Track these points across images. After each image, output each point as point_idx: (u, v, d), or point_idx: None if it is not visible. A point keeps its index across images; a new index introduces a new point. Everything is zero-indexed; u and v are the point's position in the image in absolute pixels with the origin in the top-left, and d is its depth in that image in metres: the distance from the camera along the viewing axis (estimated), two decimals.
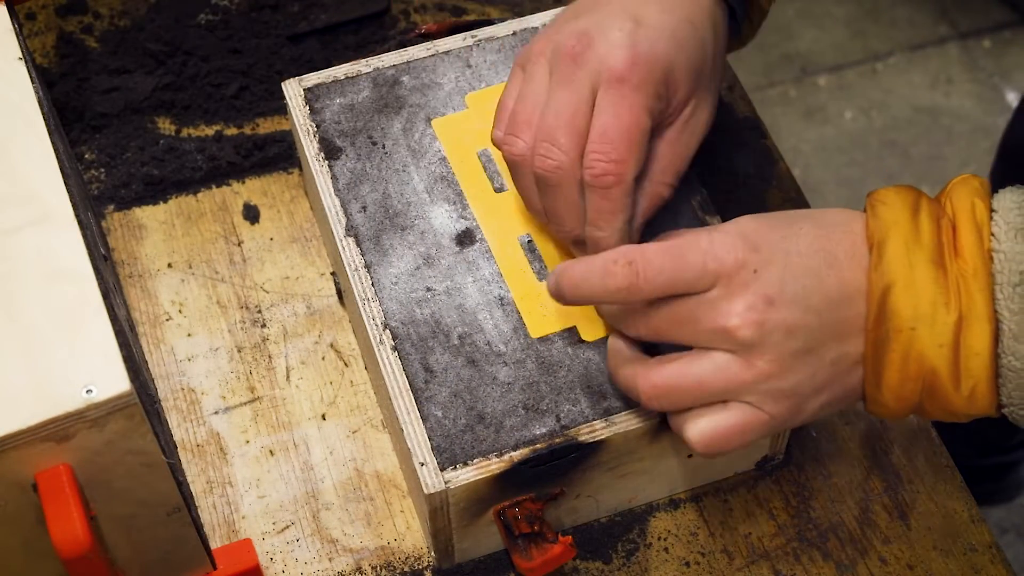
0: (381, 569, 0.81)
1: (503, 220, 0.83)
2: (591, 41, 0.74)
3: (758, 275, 0.67)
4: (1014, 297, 0.65)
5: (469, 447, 0.75)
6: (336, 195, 0.85)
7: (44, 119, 0.73)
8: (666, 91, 0.75)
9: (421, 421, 0.75)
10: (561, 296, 0.71)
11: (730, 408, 0.69)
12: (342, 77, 0.90)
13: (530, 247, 0.82)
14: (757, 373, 0.67)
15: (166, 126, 0.99)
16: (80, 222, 0.69)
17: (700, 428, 0.69)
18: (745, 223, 0.70)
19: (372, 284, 0.81)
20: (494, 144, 0.78)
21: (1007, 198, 0.67)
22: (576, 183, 0.74)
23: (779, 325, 0.67)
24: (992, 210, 0.67)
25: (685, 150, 0.78)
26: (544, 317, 0.79)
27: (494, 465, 0.74)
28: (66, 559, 0.62)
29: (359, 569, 0.81)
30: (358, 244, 0.83)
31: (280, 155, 0.98)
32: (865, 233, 0.69)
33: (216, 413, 0.87)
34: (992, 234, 0.66)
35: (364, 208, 0.84)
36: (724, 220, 0.85)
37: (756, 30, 0.83)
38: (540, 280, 0.81)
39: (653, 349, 0.72)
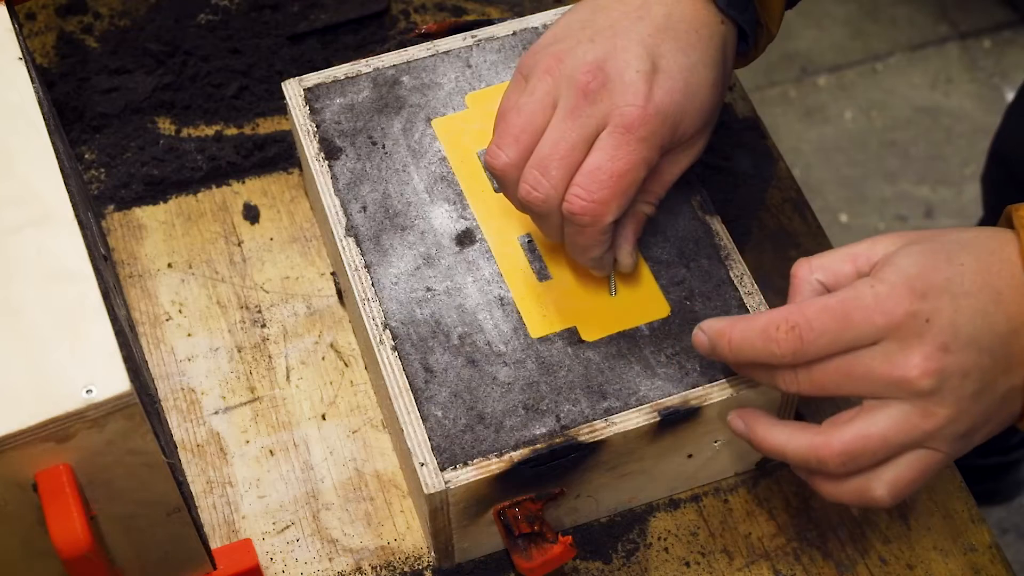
0: (381, 569, 0.81)
1: (503, 220, 0.83)
2: (606, 80, 0.72)
3: (930, 324, 0.65)
4: None
5: (469, 447, 0.75)
6: (336, 195, 0.85)
7: (44, 119, 0.73)
8: (671, 138, 0.74)
9: (421, 421, 0.75)
10: (716, 355, 0.71)
11: (909, 455, 0.68)
12: (342, 77, 0.90)
13: (530, 247, 0.82)
14: (938, 421, 0.66)
15: (166, 126, 0.99)
16: (80, 222, 0.69)
17: (886, 482, 0.68)
18: (905, 266, 0.67)
19: (372, 284, 0.81)
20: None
21: None
22: (559, 213, 0.74)
23: (956, 371, 0.66)
24: None
25: (672, 174, 0.78)
26: (544, 317, 0.79)
27: (494, 465, 0.74)
28: (66, 559, 0.62)
29: (359, 569, 0.81)
30: (358, 244, 0.83)
31: (280, 155, 0.98)
32: (1020, 255, 0.67)
33: (216, 413, 0.87)
34: None
35: (364, 208, 0.84)
36: (724, 220, 0.85)
37: (761, 52, 0.83)
38: (540, 280, 0.81)
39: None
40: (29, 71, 0.75)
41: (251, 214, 0.95)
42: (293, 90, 0.89)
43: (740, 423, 0.73)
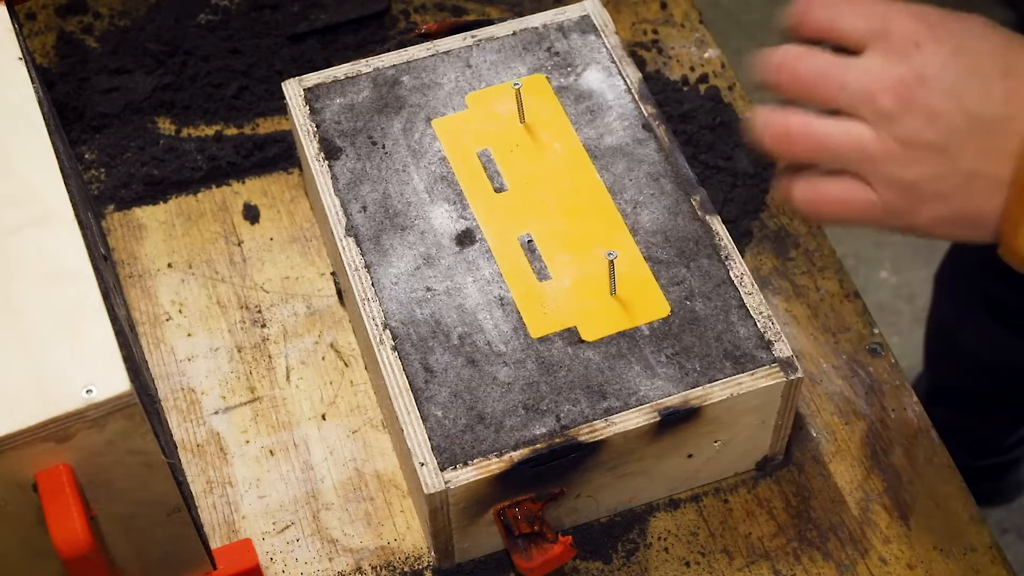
0: (381, 569, 0.81)
1: (503, 220, 0.83)
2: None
3: (920, 50, 0.63)
4: None
5: (469, 447, 0.75)
6: (336, 195, 0.85)
7: (44, 119, 0.73)
8: None
9: (421, 421, 0.75)
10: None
11: (843, 179, 0.65)
12: (342, 77, 0.90)
13: (530, 247, 0.82)
14: (883, 149, 0.63)
15: (166, 126, 0.99)
16: (80, 222, 0.69)
17: (808, 186, 0.66)
18: (929, 7, 0.64)
19: (372, 284, 0.81)
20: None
21: None
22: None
23: (922, 108, 0.62)
24: None
25: None
26: (544, 317, 0.79)
27: (494, 465, 0.74)
28: (66, 559, 0.62)
29: (359, 569, 0.81)
30: (358, 244, 0.83)
31: (280, 155, 0.98)
32: None
33: (216, 413, 0.87)
34: None
35: (364, 208, 0.84)
36: (724, 220, 0.86)
37: None
38: (540, 280, 0.81)
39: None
40: (29, 71, 0.75)
41: (251, 214, 0.95)
42: (293, 90, 0.89)
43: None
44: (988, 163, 0.62)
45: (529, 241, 0.82)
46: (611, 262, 0.78)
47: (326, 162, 0.86)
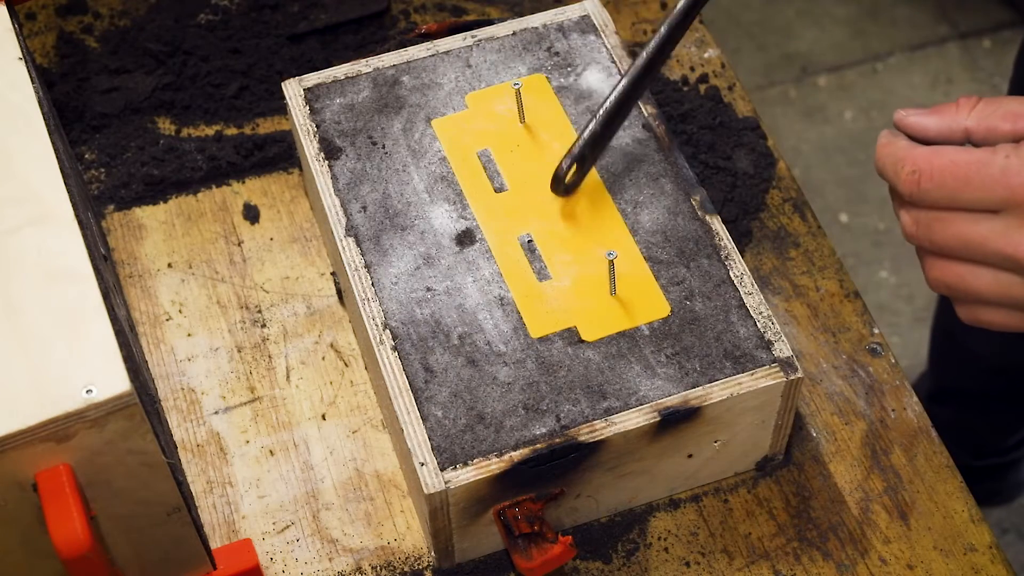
0: (381, 569, 0.81)
1: (503, 220, 0.83)
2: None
3: None
4: None
5: (469, 447, 0.75)
6: (336, 195, 0.85)
7: (44, 119, 0.73)
8: None
9: (421, 421, 0.75)
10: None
11: (1003, 311, 0.68)
12: (342, 77, 0.90)
13: (530, 247, 0.82)
14: None
15: (166, 126, 0.99)
16: (80, 222, 0.69)
17: (968, 313, 0.69)
18: None
19: (372, 284, 0.81)
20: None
21: None
22: None
23: None
24: None
25: None
26: (544, 317, 0.79)
27: (494, 465, 0.74)
28: (66, 559, 0.62)
29: (359, 569, 0.81)
30: (358, 244, 0.83)
31: (280, 155, 0.98)
32: None
33: (216, 413, 0.87)
34: None
35: (364, 208, 0.84)
36: (724, 220, 0.85)
37: None
38: (540, 280, 0.81)
39: None
40: (29, 71, 0.75)
41: (251, 214, 0.95)
42: (293, 90, 0.89)
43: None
44: None
45: (529, 241, 0.82)
46: (611, 262, 0.78)
47: (326, 162, 0.86)
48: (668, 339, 0.78)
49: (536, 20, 0.92)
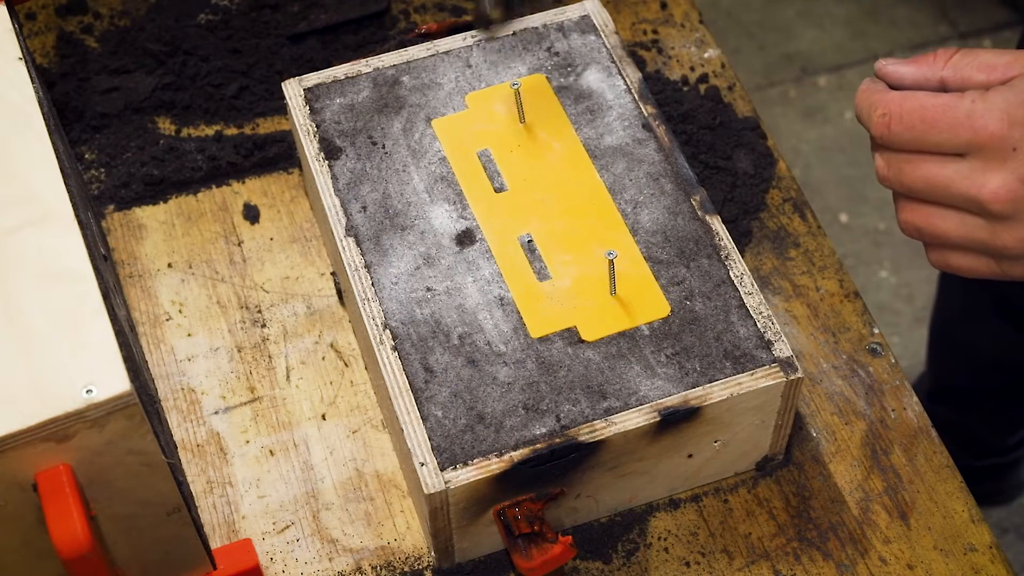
0: (381, 569, 0.81)
1: (503, 220, 0.83)
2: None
3: (1016, 153, 0.66)
4: None
5: (469, 447, 0.75)
6: (336, 195, 0.85)
7: (44, 119, 0.73)
8: None
9: (421, 421, 0.75)
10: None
11: (969, 254, 0.70)
12: (342, 77, 0.90)
13: (530, 247, 0.82)
14: (1000, 245, 0.68)
15: (166, 126, 0.99)
16: (80, 222, 0.69)
17: (937, 257, 0.71)
18: (1015, 93, 0.67)
19: (372, 284, 0.81)
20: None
21: None
22: None
23: None
24: None
25: None
26: (544, 317, 0.79)
27: (494, 465, 0.74)
28: (66, 559, 0.62)
29: (359, 569, 0.81)
30: (358, 244, 0.83)
31: (280, 155, 0.98)
32: None
33: (216, 413, 0.87)
34: None
35: (364, 208, 0.84)
36: (724, 220, 0.85)
37: None
38: (540, 280, 0.81)
39: None
40: (29, 71, 0.75)
41: (251, 214, 0.95)
42: (293, 90, 0.89)
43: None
44: None
45: (529, 241, 0.82)
46: (611, 262, 0.78)
47: (326, 162, 0.86)
48: (668, 339, 0.78)
49: (536, 20, 0.92)
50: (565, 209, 0.83)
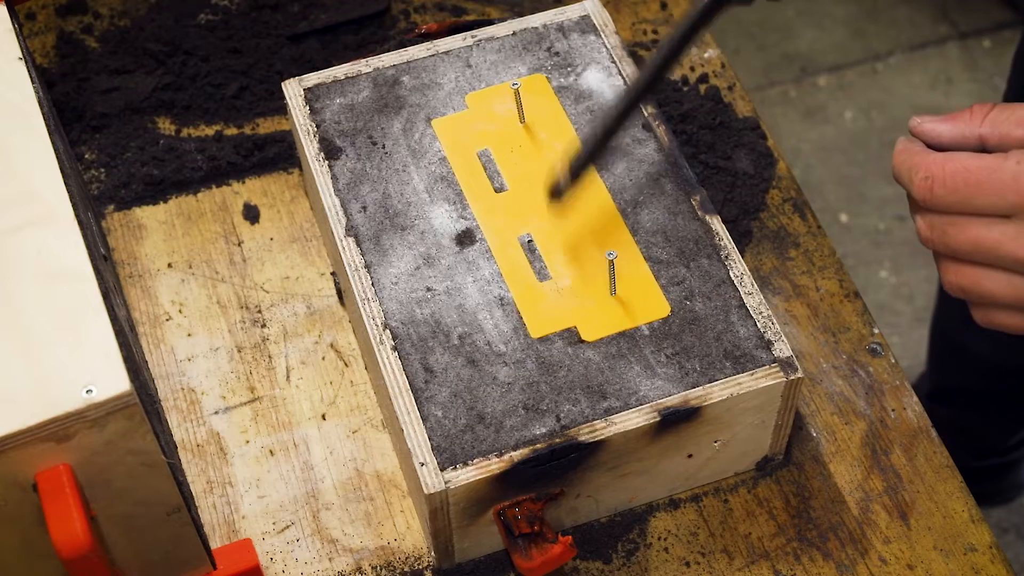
0: (381, 569, 0.81)
1: (503, 220, 0.83)
2: None
3: None
4: None
5: (469, 447, 0.75)
6: (336, 195, 0.85)
7: (44, 119, 0.73)
8: None
9: (421, 421, 0.75)
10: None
11: (1018, 315, 0.69)
12: (342, 77, 0.90)
13: (530, 247, 0.82)
14: None
15: (166, 126, 0.99)
16: (80, 222, 0.69)
17: (983, 315, 0.70)
18: None
19: (372, 284, 0.81)
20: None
21: None
22: None
23: None
24: None
25: None
26: (544, 317, 0.79)
27: (494, 465, 0.74)
28: (66, 559, 0.62)
29: (359, 569, 0.81)
30: (358, 244, 0.83)
31: (280, 155, 0.98)
32: None
33: (216, 413, 0.87)
34: None
35: (364, 208, 0.84)
36: (724, 220, 0.86)
37: None
38: (540, 280, 0.81)
39: None
40: (29, 71, 0.75)
41: (251, 214, 0.95)
42: (293, 90, 0.89)
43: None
44: None
45: (529, 241, 0.82)
46: (611, 262, 0.78)
47: (326, 162, 0.86)
48: (668, 339, 0.78)
49: (536, 20, 0.92)
50: (565, 209, 0.83)
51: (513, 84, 0.86)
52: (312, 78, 0.90)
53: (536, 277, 0.81)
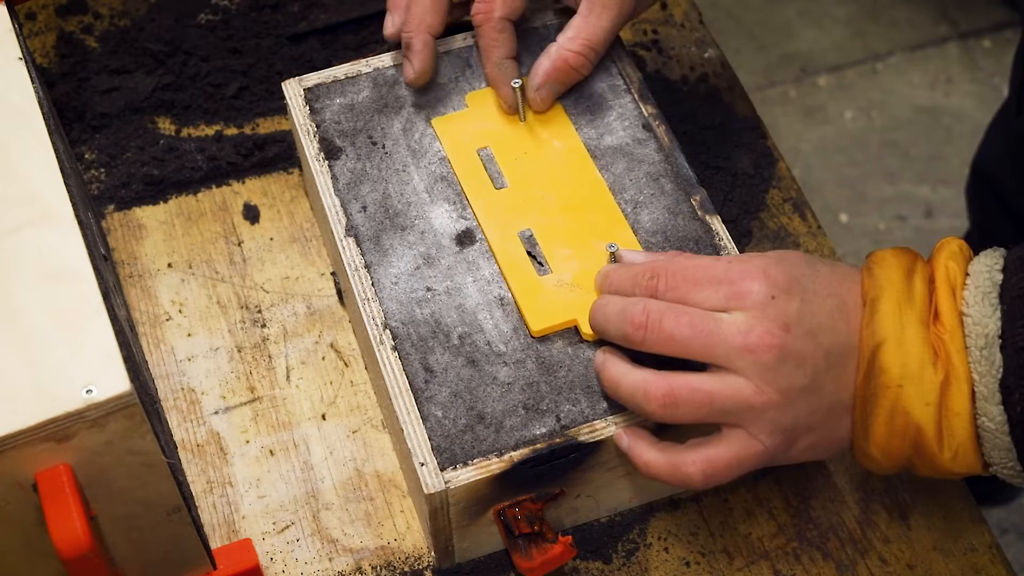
0: (381, 569, 0.81)
1: (503, 220, 0.83)
2: None
3: (776, 302, 0.68)
4: (982, 360, 0.66)
5: (469, 447, 0.75)
6: (336, 195, 0.85)
7: (44, 119, 0.73)
8: None
9: (421, 421, 0.75)
10: (599, 290, 0.77)
11: (726, 439, 0.70)
12: (342, 77, 0.90)
13: (530, 242, 0.82)
14: (765, 400, 0.68)
15: (166, 126, 0.99)
16: (80, 222, 0.69)
17: (702, 459, 0.70)
18: (765, 258, 0.71)
19: (372, 284, 0.81)
20: None
21: (981, 262, 0.69)
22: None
23: (793, 355, 0.68)
24: (967, 273, 0.68)
25: (600, 27, 0.84)
26: (544, 312, 0.79)
27: (494, 465, 0.74)
28: (66, 559, 0.62)
29: (359, 569, 0.81)
30: (358, 244, 0.83)
31: (280, 155, 0.98)
32: (861, 286, 0.70)
33: (216, 413, 0.87)
34: (963, 298, 0.68)
35: (364, 208, 0.84)
36: (724, 220, 0.86)
37: None
38: (540, 275, 0.81)
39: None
40: (29, 71, 0.75)
41: (251, 214, 0.95)
42: (293, 90, 0.89)
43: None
44: (841, 393, 0.70)
45: (529, 236, 0.82)
46: (612, 254, 0.78)
47: (326, 162, 0.86)
48: None
49: (536, 20, 0.92)
50: (566, 206, 0.83)
51: (514, 83, 0.86)
52: (312, 78, 0.90)
53: (536, 272, 0.81)
